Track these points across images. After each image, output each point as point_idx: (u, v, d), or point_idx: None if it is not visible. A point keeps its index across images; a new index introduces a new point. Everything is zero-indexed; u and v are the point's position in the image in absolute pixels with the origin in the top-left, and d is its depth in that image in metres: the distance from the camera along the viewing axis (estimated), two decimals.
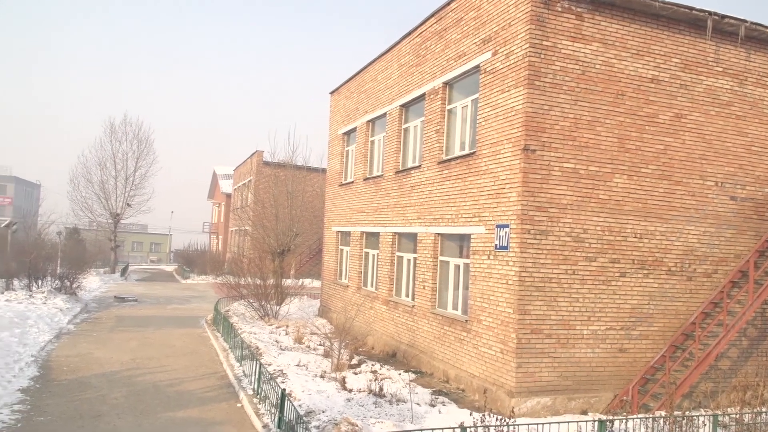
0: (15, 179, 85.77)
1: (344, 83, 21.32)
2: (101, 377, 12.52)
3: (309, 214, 31.85)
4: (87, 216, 45.82)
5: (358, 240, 18.86)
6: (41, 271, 25.44)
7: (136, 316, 22.30)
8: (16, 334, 15.47)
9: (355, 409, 10.23)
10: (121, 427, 9.37)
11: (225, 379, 12.92)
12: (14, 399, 10.59)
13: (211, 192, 67.56)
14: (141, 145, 46.65)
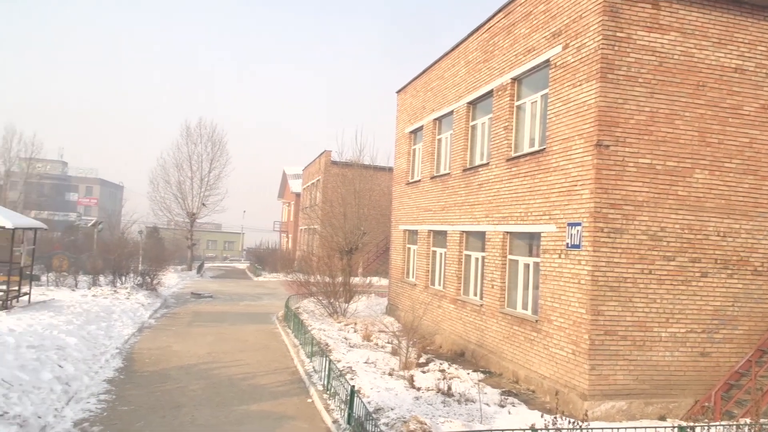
0: (100, 181, 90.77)
1: (410, 82, 21.34)
2: (180, 370, 13.07)
3: (376, 212, 32.09)
4: (165, 215, 48.00)
5: (425, 238, 18.84)
6: (124, 268, 26.86)
7: (211, 312, 23.14)
8: (103, 327, 16.38)
9: (424, 407, 10.23)
10: (199, 418, 9.76)
11: (296, 374, 13.21)
12: (101, 389, 11.22)
13: (281, 191, 69.18)
14: (215, 147, 48.48)
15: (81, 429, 8.99)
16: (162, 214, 47.89)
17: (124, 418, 9.63)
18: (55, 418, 9.29)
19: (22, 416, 8.71)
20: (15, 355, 11.08)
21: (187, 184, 47.42)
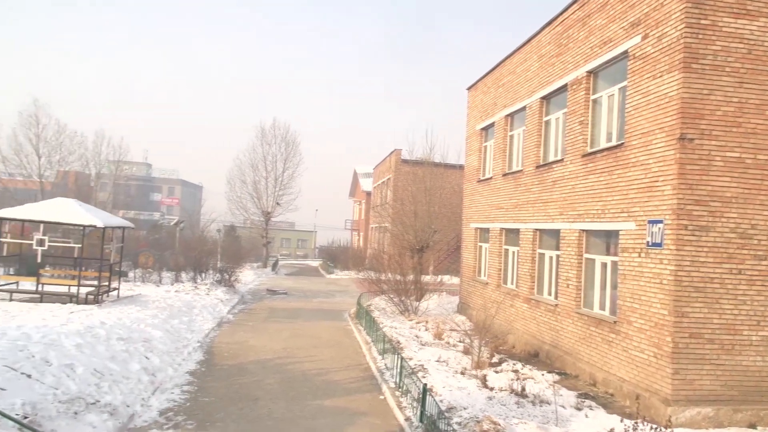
0: (181, 182, 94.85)
1: (481, 78, 21.09)
2: (257, 364, 13.48)
3: (447, 210, 31.94)
4: (242, 214, 49.57)
5: (497, 237, 18.58)
6: (204, 265, 28.00)
7: (286, 308, 23.73)
8: (185, 322, 17.13)
9: (497, 407, 10.10)
10: (275, 411, 10.04)
11: (368, 371, 13.35)
12: (183, 380, 11.73)
13: (352, 190, 70.00)
14: (288, 147, 49.63)
15: (166, 418, 9.44)
16: (239, 213, 49.51)
17: (206, 408, 10.03)
18: (142, 407, 9.79)
19: (113, 405, 9.23)
20: (106, 346, 11.77)
21: (262, 184, 48.84)
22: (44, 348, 10.32)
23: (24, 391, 8.45)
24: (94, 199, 41.68)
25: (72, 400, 8.80)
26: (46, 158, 40.25)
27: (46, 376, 9.22)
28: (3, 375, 8.65)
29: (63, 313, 14.85)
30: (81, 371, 9.94)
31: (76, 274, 18.42)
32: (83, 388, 9.38)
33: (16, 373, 8.92)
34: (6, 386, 8.34)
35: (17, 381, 8.69)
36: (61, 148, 41.19)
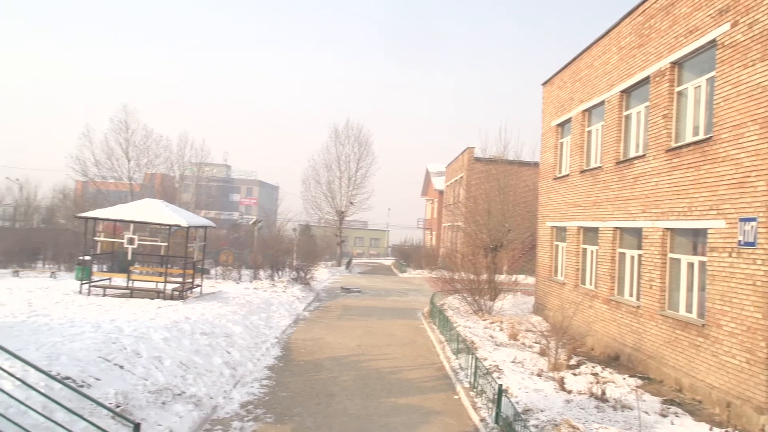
0: (259, 182, 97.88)
1: (557, 73, 20.55)
2: (332, 360, 13.72)
3: (522, 209, 31.35)
4: (316, 213, 50.57)
5: (574, 235, 18.06)
6: (281, 263, 28.77)
7: (360, 306, 24.01)
8: (263, 318, 17.67)
9: (575, 411, 9.83)
10: (350, 408, 10.18)
11: (442, 370, 13.30)
12: (262, 375, 12.10)
13: (425, 189, 69.93)
14: (361, 147, 50.22)
15: (247, 411, 9.77)
16: (313, 213, 50.54)
17: (284, 403, 10.31)
18: (224, 400, 10.18)
19: (197, 396, 9.65)
20: (190, 340, 12.31)
21: (335, 184, 49.67)
22: (135, 341, 10.92)
23: (117, 381, 8.98)
24: (178, 199, 43.67)
25: (160, 391, 9.26)
26: (135, 161, 42.50)
27: (137, 368, 9.75)
28: (98, 366, 9.22)
29: (151, 308, 15.65)
30: (168, 364, 10.45)
31: (163, 271, 19.37)
32: (170, 380, 9.85)
33: (109, 364, 9.48)
34: (101, 376, 8.89)
35: (111, 372, 9.23)
36: (148, 151, 43.41)
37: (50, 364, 8.52)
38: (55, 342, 10.09)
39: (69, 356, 9.16)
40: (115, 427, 7.42)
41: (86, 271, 18.74)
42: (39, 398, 6.88)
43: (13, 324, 11.75)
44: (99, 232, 21.44)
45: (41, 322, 12.24)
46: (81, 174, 41.73)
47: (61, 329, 11.47)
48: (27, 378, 7.03)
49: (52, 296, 16.62)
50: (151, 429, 7.98)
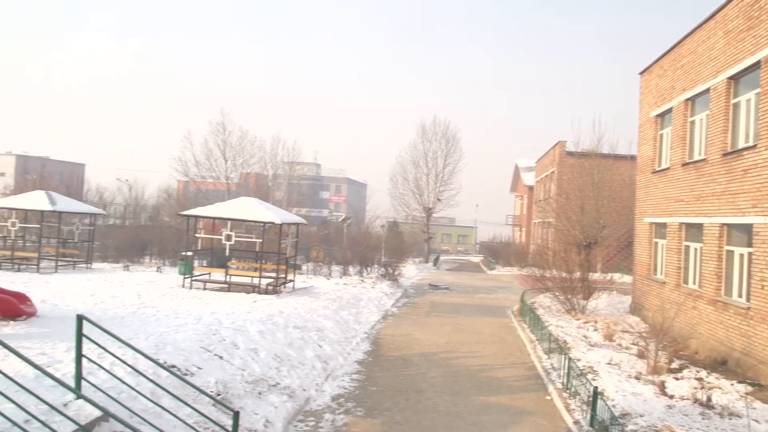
0: (348, 180, 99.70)
1: (656, 61, 19.51)
2: (421, 357, 13.76)
3: (617, 204, 30.11)
4: (404, 210, 50.89)
5: (675, 232, 17.10)
6: (369, 259, 29.16)
7: (447, 303, 23.92)
8: (353, 313, 17.99)
9: (678, 417, 9.32)
10: (439, 405, 10.17)
11: (533, 370, 13.02)
12: (352, 369, 12.32)
13: (514, 185, 68.58)
14: (449, 143, 50.04)
15: (338, 404, 9.99)
16: (401, 209, 50.89)
17: (373, 397, 10.45)
18: (317, 392, 10.46)
19: (291, 387, 9.97)
20: (284, 333, 12.74)
21: (423, 181, 49.76)
22: (233, 333, 11.44)
23: (217, 370, 9.44)
24: (271, 197, 45.29)
25: (256, 381, 9.65)
26: (232, 161, 44.49)
27: (235, 359, 10.21)
28: (200, 355, 9.73)
29: (247, 301, 16.32)
30: (263, 355, 10.88)
31: (258, 267, 20.14)
32: (265, 371, 10.24)
33: (210, 354, 9.99)
34: (202, 366, 9.38)
35: (211, 361, 9.72)
36: (243, 152, 45.31)
37: (157, 352, 9.08)
38: (162, 332, 10.74)
39: (174, 346, 9.73)
40: (215, 414, 7.80)
41: (188, 266, 19.82)
42: (148, 384, 7.36)
43: (125, 315, 12.62)
44: (199, 229, 22.60)
45: (149, 313, 13.08)
46: (183, 174, 44.21)
47: (167, 320, 12.20)
48: (137, 365, 7.53)
49: (158, 289, 17.71)
50: (249, 417, 8.33)
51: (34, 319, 11.32)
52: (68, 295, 14.99)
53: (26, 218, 24.53)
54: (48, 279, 18.55)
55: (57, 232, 25.17)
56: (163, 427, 6.77)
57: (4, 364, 5.61)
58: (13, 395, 5.53)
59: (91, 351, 7.21)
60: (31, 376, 6.73)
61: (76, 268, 23.33)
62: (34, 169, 57.80)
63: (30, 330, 10.33)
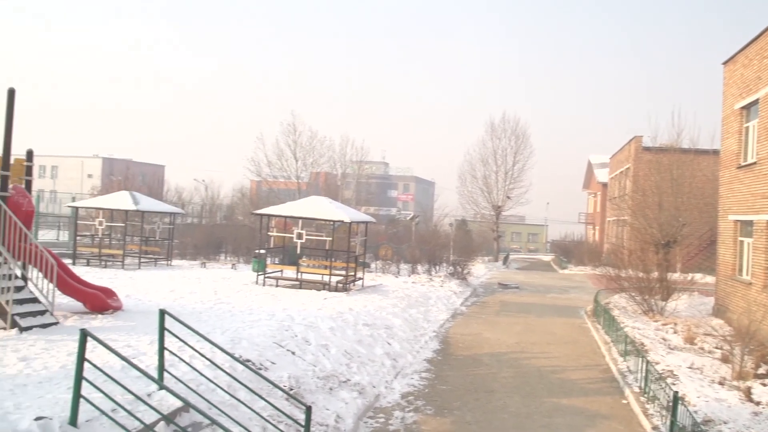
0: (415, 178, 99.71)
1: (741, 50, 18.45)
2: (491, 356, 13.61)
3: (698, 201, 28.70)
4: (472, 209, 50.47)
5: (763, 230, 16.12)
6: (438, 257, 29.06)
7: (518, 303, 23.54)
8: (421, 312, 18.00)
9: (765, 425, 8.81)
10: (510, 405, 10.03)
11: (608, 372, 12.63)
12: (422, 367, 12.34)
13: (586, 182, 66.60)
14: (518, 140, 49.22)
15: (407, 401, 10.03)
16: (469, 208, 50.51)
17: (443, 396, 10.43)
18: (386, 389, 10.54)
19: (361, 384, 10.10)
20: (354, 330, 12.91)
21: (492, 178, 49.18)
22: (304, 329, 11.70)
23: (289, 366, 9.68)
24: (340, 196, 45.95)
25: (327, 377, 9.83)
26: (302, 161, 45.40)
27: (306, 354, 10.44)
28: (273, 351, 10.01)
29: (318, 299, 16.63)
30: (334, 352, 11.06)
31: (328, 265, 20.49)
32: (336, 367, 10.42)
33: (283, 349, 10.25)
34: (275, 360, 9.64)
35: (284, 357, 9.98)
36: (313, 152, 46.15)
37: (233, 347, 9.41)
38: (237, 327, 11.12)
39: (249, 341, 10.05)
40: (288, 408, 8.00)
41: (261, 263, 20.40)
42: (224, 377, 7.64)
43: (202, 310, 13.15)
44: (272, 227, 23.18)
45: (225, 309, 13.57)
46: (255, 174, 45.50)
47: (242, 316, 12.62)
48: (215, 359, 7.83)
49: (232, 286, 18.33)
50: (320, 412, 8.50)
51: (120, 313, 11.99)
52: (150, 290, 15.76)
53: (112, 217, 25.92)
54: (132, 275, 19.56)
55: (140, 230, 26.47)
56: (240, 419, 7.00)
57: (93, 355, 5.98)
58: (101, 385, 5.87)
59: (172, 344, 7.56)
60: (118, 367, 7.12)
61: (157, 264, 24.48)
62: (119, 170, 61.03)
63: (116, 323, 10.94)
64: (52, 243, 28.43)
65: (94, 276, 16.47)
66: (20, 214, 11.29)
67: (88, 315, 11.46)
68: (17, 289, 10.23)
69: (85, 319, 11.07)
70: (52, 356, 8.23)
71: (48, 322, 10.21)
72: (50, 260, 10.90)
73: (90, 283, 12.63)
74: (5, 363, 7.78)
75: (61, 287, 11.42)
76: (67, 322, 10.76)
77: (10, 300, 9.81)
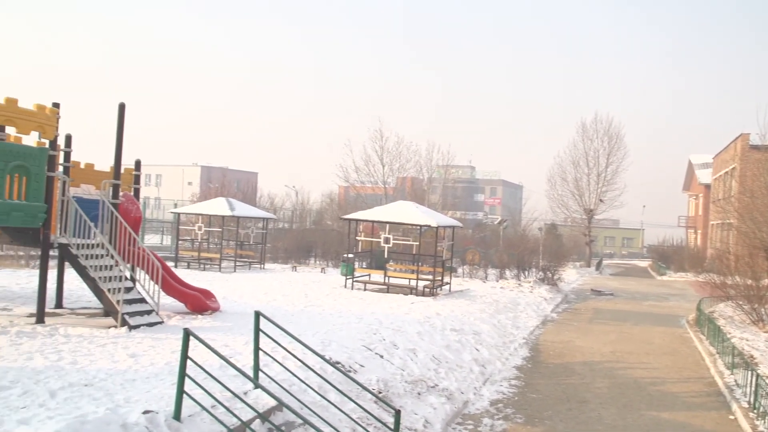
0: (503, 182, 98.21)
1: None
2: (584, 365, 13.14)
3: None
4: (563, 212, 49.02)
5: None
6: (527, 263, 28.45)
7: (612, 310, 22.60)
8: (510, 318, 17.67)
9: None
10: (605, 417, 9.63)
11: (713, 386, 11.86)
12: (511, 374, 12.10)
13: (687, 183, 63.06)
14: (611, 141, 47.39)
15: (496, 409, 9.86)
16: (559, 211, 49.08)
17: (533, 405, 10.17)
18: (475, 396, 10.41)
19: (449, 390, 10.04)
20: (441, 335, 12.86)
21: (583, 181, 47.60)
22: (392, 333, 11.79)
23: (378, 369, 9.78)
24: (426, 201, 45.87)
25: (415, 382, 9.85)
26: (389, 166, 45.80)
27: (394, 358, 10.51)
28: (362, 354, 10.15)
29: (405, 303, 16.71)
30: (422, 356, 11.07)
31: (415, 269, 20.55)
32: (424, 372, 10.41)
33: (371, 353, 10.37)
34: (364, 363, 9.77)
35: (372, 360, 10.09)
36: (399, 157, 46.44)
37: (323, 349, 9.62)
38: (327, 330, 11.37)
39: (338, 343, 10.25)
40: (377, 411, 8.08)
41: (349, 267, 20.77)
42: (315, 379, 7.82)
43: (294, 312, 13.55)
44: (360, 232, 23.57)
45: (315, 311, 13.92)
46: (343, 180, 46.37)
47: (331, 319, 12.90)
48: (306, 360, 8.04)
49: (322, 289, 18.77)
50: (408, 417, 8.52)
51: (217, 313, 12.58)
52: (245, 292, 16.43)
53: (210, 222, 27.27)
54: (228, 278, 20.47)
55: (235, 234, 27.67)
56: (330, 420, 7.15)
57: (194, 353, 6.29)
58: (202, 382, 6.18)
59: (265, 345, 7.83)
60: (216, 366, 7.46)
61: (251, 268, 25.48)
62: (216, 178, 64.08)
63: (214, 323, 11.49)
64: (156, 247, 30.30)
65: (194, 278, 17.36)
66: (129, 219, 12.13)
67: (188, 315, 12.11)
68: (127, 289, 10.96)
69: (186, 319, 11.69)
70: (158, 353, 8.76)
71: (154, 321, 10.88)
72: (156, 263, 11.61)
73: (191, 285, 13.33)
74: (116, 359, 8.36)
75: (165, 289, 12.12)
76: (171, 321, 11.42)
77: (121, 300, 10.54)
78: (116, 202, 12.08)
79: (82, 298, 13.14)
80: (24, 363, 7.81)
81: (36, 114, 10.29)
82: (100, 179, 12.33)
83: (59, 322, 10.63)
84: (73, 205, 11.10)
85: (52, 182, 10.65)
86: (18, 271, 18.18)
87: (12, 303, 12.23)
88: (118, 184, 12.26)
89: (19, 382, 6.89)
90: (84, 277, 10.93)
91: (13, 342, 8.91)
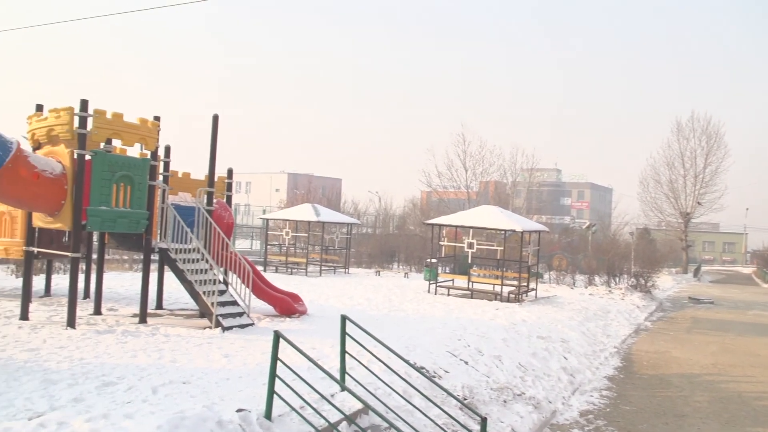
0: (591, 185, 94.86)
1: None
2: (681, 377, 12.45)
3: None
4: (656, 216, 46.85)
5: None
6: (617, 268, 27.36)
7: (713, 319, 21.31)
8: (600, 326, 17.04)
9: None
10: None
11: None
12: (602, 385, 11.65)
13: None
14: (710, 140, 44.79)
15: (587, 420, 9.53)
16: (652, 215, 47.00)
17: (627, 417, 9.74)
18: (563, 405, 10.11)
19: (536, 398, 9.80)
20: (527, 342, 12.60)
21: (679, 183, 45.31)
22: (477, 339, 11.67)
23: (462, 375, 9.71)
24: (510, 205, 45.17)
25: (501, 389, 9.69)
26: (471, 171, 45.46)
27: (479, 365, 10.39)
28: (446, 359, 10.11)
29: (489, 309, 16.48)
30: (507, 364, 10.88)
31: (499, 274, 20.24)
32: (509, 380, 10.23)
33: (456, 359, 10.31)
34: (449, 369, 9.73)
35: (457, 366, 10.03)
36: (483, 161, 46.01)
37: (408, 354, 9.66)
38: (411, 335, 11.41)
39: (423, 348, 10.26)
40: (462, 418, 8.02)
41: (433, 272, 20.75)
42: (400, 383, 7.87)
43: (378, 316, 13.69)
44: (443, 237, 23.48)
45: (399, 316, 14.00)
46: (426, 185, 46.46)
47: (415, 324, 12.93)
48: (391, 364, 8.10)
49: (405, 294, 18.84)
50: (494, 425, 8.39)
51: (305, 317, 12.92)
52: (330, 296, 16.77)
53: (297, 228, 28.06)
54: (314, 282, 20.97)
55: (321, 239, 28.34)
56: (415, 425, 7.17)
57: (283, 355, 6.49)
58: (291, 383, 6.37)
59: (351, 348, 7.97)
60: (304, 368, 7.66)
61: (336, 272, 26.00)
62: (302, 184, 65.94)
63: (302, 326, 11.80)
64: (246, 251, 31.55)
65: (282, 282, 17.91)
66: (222, 225, 12.71)
67: (277, 318, 12.51)
68: (220, 292, 11.48)
69: (275, 321, 12.09)
70: (249, 354, 9.11)
71: (245, 323, 11.32)
72: (247, 267, 12.08)
73: (280, 289, 13.77)
74: (211, 359, 8.77)
75: (255, 292, 12.59)
76: (261, 323, 11.84)
77: (215, 302, 11.05)
78: (210, 208, 12.71)
79: (179, 299, 13.89)
80: (129, 360, 8.35)
81: (139, 127, 11.01)
82: (195, 187, 13.02)
83: (160, 322, 11.28)
84: (172, 212, 11.77)
85: (154, 190, 11.35)
86: (123, 273, 19.47)
87: (117, 304, 13.09)
88: (212, 192, 12.89)
89: (125, 378, 7.38)
90: (181, 280, 11.54)
91: (119, 340, 9.55)
